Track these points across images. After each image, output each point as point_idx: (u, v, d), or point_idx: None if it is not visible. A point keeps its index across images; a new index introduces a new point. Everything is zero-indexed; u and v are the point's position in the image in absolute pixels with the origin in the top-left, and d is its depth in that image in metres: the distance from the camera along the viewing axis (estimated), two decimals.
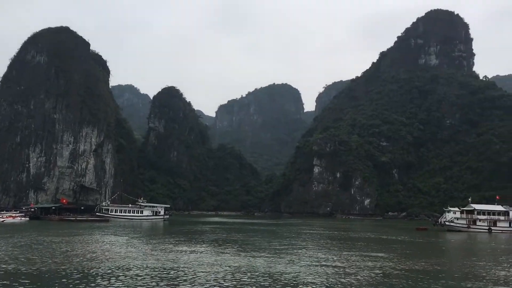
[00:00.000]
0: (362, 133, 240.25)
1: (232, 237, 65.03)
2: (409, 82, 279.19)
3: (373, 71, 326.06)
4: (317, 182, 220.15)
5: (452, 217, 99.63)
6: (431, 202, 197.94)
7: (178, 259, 36.82)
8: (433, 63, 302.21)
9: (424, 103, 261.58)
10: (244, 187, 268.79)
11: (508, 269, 36.04)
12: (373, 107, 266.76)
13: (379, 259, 40.42)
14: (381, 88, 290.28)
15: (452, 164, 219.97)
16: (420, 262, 39.19)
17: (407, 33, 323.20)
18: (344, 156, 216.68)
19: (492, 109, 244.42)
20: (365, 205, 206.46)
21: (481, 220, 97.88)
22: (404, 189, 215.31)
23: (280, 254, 42.62)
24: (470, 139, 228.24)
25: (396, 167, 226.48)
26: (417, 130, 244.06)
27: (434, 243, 67.05)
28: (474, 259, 44.47)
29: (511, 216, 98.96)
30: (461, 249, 60.44)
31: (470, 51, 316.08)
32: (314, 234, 77.90)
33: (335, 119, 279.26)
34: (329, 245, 55.57)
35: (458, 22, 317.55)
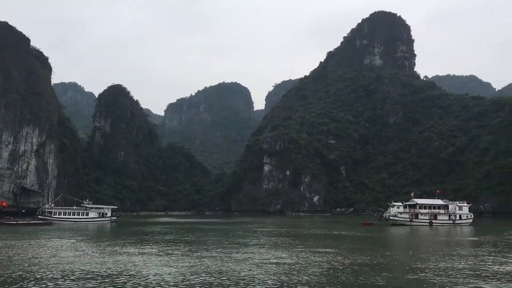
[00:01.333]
0: (311, 131, 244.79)
1: (182, 237, 64.23)
2: (355, 81, 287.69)
3: (321, 70, 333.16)
4: (267, 180, 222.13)
5: (396, 211, 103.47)
6: (376, 197, 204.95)
7: (127, 262, 35.86)
8: (377, 63, 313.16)
9: (370, 102, 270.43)
10: (194, 186, 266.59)
11: (448, 261, 37.86)
12: (321, 106, 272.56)
13: (327, 255, 41.28)
14: (328, 87, 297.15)
15: (396, 161, 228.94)
16: (366, 256, 40.40)
17: (353, 34, 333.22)
18: (293, 154, 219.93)
19: (432, 107, 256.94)
20: (314, 202, 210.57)
21: (423, 214, 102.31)
22: (351, 186, 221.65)
23: (231, 253, 42.55)
24: (412, 136, 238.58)
25: (343, 164, 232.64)
26: (363, 128, 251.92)
27: (379, 237, 69.38)
28: (416, 251, 46.45)
29: (450, 210, 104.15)
30: (404, 243, 62.91)
31: (411, 52, 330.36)
32: (265, 232, 78.47)
33: (284, 118, 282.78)
34: (280, 242, 56.12)
35: (400, 24, 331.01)
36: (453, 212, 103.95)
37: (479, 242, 58.04)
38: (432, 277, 29.46)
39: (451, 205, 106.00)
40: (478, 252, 45.43)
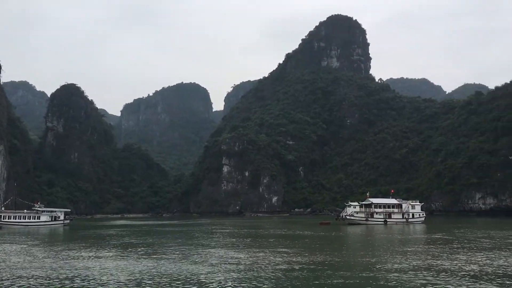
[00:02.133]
0: (270, 132, 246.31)
1: (139, 240, 62.78)
2: (313, 83, 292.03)
3: (279, 72, 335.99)
4: (226, 181, 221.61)
5: (352, 211, 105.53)
6: (333, 197, 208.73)
7: (81, 267, 34.57)
8: (334, 65, 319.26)
9: (327, 104, 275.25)
10: (151, 188, 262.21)
11: (401, 259, 38.88)
12: (280, 107, 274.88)
13: (285, 254, 41.45)
14: (287, 88, 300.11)
15: (352, 161, 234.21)
16: (323, 255, 40.86)
17: (311, 36, 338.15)
18: (252, 155, 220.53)
19: (387, 109, 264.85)
20: (273, 203, 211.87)
21: (378, 213, 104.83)
22: (309, 186, 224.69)
23: (190, 255, 41.94)
24: (368, 137, 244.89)
25: (301, 165, 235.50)
26: (320, 129, 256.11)
27: (336, 237, 70.50)
28: (371, 250, 47.46)
29: (403, 208, 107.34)
30: (360, 241, 64.18)
31: (367, 55, 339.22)
32: (224, 233, 78.05)
33: (243, 119, 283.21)
34: (239, 243, 55.91)
35: (356, 28, 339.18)
36: (406, 211, 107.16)
37: (431, 240, 60.06)
38: (388, 274, 30.10)
39: (405, 204, 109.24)
40: (430, 249, 46.97)
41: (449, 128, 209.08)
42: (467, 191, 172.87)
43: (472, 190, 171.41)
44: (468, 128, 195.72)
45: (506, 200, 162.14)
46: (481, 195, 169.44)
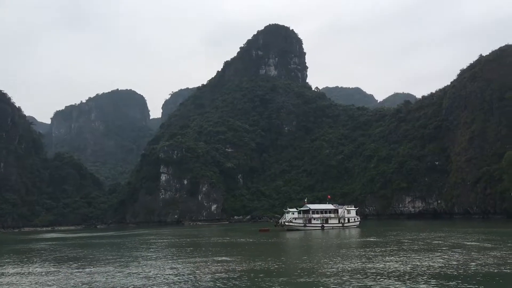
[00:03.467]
0: (209, 140, 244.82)
1: (71, 254, 59.55)
2: (252, 91, 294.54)
3: (218, 79, 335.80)
4: (164, 190, 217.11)
5: (291, 217, 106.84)
6: (272, 204, 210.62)
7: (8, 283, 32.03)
8: (272, 73, 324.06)
9: (265, 111, 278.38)
10: (85, 198, 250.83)
11: (339, 262, 39.67)
12: (219, 114, 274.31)
13: (225, 262, 40.96)
14: (226, 96, 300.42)
15: (290, 168, 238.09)
16: (263, 262, 40.82)
17: (249, 45, 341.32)
18: (191, 163, 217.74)
19: (323, 117, 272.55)
20: (212, 211, 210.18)
21: (315, 219, 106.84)
22: (249, 193, 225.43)
23: (124, 267, 40.28)
24: (305, 144, 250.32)
25: (241, 172, 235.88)
26: (259, 136, 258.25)
27: (275, 243, 70.96)
28: (310, 255, 48.13)
29: (339, 214, 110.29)
30: (299, 247, 64.99)
31: (303, 64, 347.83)
32: (162, 243, 76.09)
33: (181, 126, 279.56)
34: (177, 253, 54.65)
35: (293, 37, 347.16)
36: (342, 215, 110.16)
37: (366, 243, 62.00)
38: (326, 278, 30.51)
39: (341, 209, 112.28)
40: (366, 252, 48.40)
41: (381, 135, 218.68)
42: (397, 195, 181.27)
43: (402, 194, 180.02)
44: (398, 135, 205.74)
45: (433, 203, 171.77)
46: (411, 199, 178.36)
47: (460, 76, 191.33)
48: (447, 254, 43.68)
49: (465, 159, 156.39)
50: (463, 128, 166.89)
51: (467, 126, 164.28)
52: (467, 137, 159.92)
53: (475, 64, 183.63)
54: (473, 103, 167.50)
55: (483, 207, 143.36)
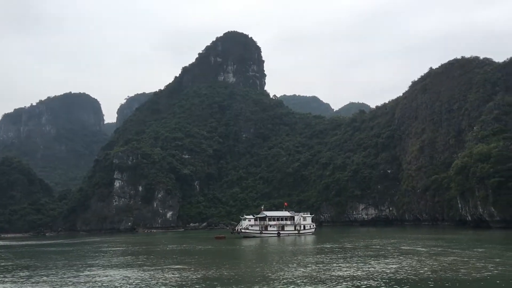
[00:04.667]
0: (165, 146, 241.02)
1: (17, 263, 56.50)
2: (210, 97, 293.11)
3: (176, 85, 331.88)
4: (118, 197, 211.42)
5: (247, 224, 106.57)
6: (229, 211, 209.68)
7: None
8: (230, 80, 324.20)
9: (223, 118, 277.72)
10: (33, 205, 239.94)
11: (294, 269, 39.67)
12: (176, 121, 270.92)
13: (179, 270, 40.06)
14: (183, 102, 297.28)
15: (247, 175, 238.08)
16: (218, 269, 40.24)
17: (207, 51, 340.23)
18: (146, 169, 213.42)
19: (280, 124, 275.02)
20: (167, 218, 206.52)
21: (272, 226, 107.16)
22: (205, 200, 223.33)
23: (73, 277, 38.53)
24: (263, 151, 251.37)
25: (197, 179, 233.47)
26: (217, 143, 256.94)
27: (231, 250, 70.41)
28: (266, 262, 47.93)
29: (295, 221, 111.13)
30: (255, 254, 64.75)
31: (262, 72, 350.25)
32: (115, 251, 73.74)
33: (137, 132, 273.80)
34: (130, 261, 53.02)
35: (252, 45, 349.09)
36: (298, 223, 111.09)
37: (321, 250, 62.59)
38: (282, 285, 30.34)
39: (297, 216, 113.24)
40: (321, 258, 48.77)
41: (336, 143, 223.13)
42: (352, 203, 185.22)
43: (356, 201, 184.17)
44: (353, 144, 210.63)
45: (386, 211, 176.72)
46: (364, 206, 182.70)
47: (412, 88, 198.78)
48: (399, 259, 44.73)
49: (416, 167, 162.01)
50: (414, 138, 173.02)
51: (418, 136, 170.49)
52: (417, 147, 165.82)
53: (425, 77, 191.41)
54: (423, 114, 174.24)
55: (432, 214, 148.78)
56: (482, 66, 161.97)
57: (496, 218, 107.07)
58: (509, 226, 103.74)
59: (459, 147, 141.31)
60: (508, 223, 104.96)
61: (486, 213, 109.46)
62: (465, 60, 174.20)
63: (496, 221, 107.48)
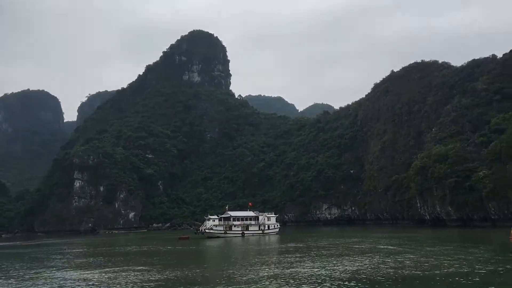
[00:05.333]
0: (128, 146, 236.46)
1: None
2: (174, 96, 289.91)
3: (139, 83, 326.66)
4: (78, 197, 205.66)
5: (211, 224, 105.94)
6: (193, 211, 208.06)
7: None
8: (195, 80, 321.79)
9: (188, 117, 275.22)
10: None
11: (259, 269, 39.60)
12: (139, 119, 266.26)
13: (140, 272, 39.24)
14: (147, 100, 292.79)
15: (212, 175, 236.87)
16: (181, 270, 39.68)
17: (172, 50, 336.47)
18: (108, 169, 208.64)
19: (245, 125, 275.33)
20: (129, 219, 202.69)
21: (236, 226, 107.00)
22: (169, 200, 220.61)
23: (29, 280, 37.04)
24: (227, 151, 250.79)
25: (161, 179, 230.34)
26: (181, 143, 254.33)
27: (195, 251, 69.73)
28: (230, 262, 47.68)
29: (260, 221, 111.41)
30: (219, 255, 64.39)
31: (227, 72, 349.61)
32: (75, 253, 71.57)
33: (99, 131, 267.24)
34: (91, 263, 51.53)
35: (217, 44, 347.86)
36: (263, 222, 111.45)
37: (285, 249, 62.88)
38: (246, 285, 30.17)
39: (261, 216, 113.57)
40: (285, 258, 48.94)
41: (301, 144, 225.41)
42: (315, 203, 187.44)
43: (320, 201, 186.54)
44: (317, 144, 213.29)
45: (348, 210, 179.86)
46: (327, 206, 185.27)
47: (374, 90, 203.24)
48: (361, 257, 45.47)
49: (377, 168, 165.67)
50: (376, 139, 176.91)
51: (380, 137, 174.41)
52: (379, 147, 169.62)
53: (387, 79, 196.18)
54: (385, 115, 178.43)
55: (393, 214, 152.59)
56: (440, 70, 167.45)
57: (452, 217, 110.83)
58: (464, 224, 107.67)
59: (419, 148, 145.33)
60: (464, 222, 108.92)
61: (443, 212, 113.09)
62: (424, 64, 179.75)
63: (452, 220, 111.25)
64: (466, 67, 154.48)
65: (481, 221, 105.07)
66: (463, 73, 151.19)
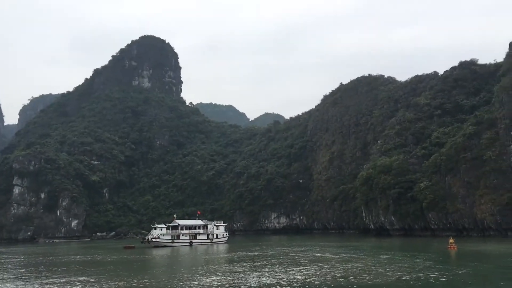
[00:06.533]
0: (72, 151, 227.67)
1: None
2: (123, 101, 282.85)
3: (86, 87, 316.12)
4: (17, 204, 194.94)
5: (158, 233, 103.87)
6: (140, 220, 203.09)
7: None
8: (146, 85, 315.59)
9: (137, 123, 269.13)
10: None
11: (206, 279, 39.07)
12: (85, 124, 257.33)
13: (84, 283, 37.63)
14: (94, 105, 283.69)
15: (160, 183, 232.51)
16: (125, 281, 38.46)
17: (122, 54, 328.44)
18: (50, 175, 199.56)
19: (196, 132, 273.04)
20: (72, 227, 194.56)
21: (184, 235, 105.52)
22: (114, 208, 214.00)
23: None
24: (177, 159, 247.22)
25: (107, 186, 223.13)
26: (129, 149, 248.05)
27: (140, 261, 67.90)
28: (177, 272, 46.76)
29: (208, 229, 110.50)
30: (165, 264, 63.03)
31: (178, 78, 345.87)
32: (12, 263, 67.55)
33: (41, 135, 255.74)
34: (31, 274, 48.80)
35: (169, 50, 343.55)
36: (211, 231, 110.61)
37: (233, 258, 62.55)
38: None
39: (210, 225, 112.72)
40: (234, 267, 48.63)
41: (251, 153, 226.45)
42: (264, 212, 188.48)
43: (269, 210, 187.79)
44: (267, 154, 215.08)
45: (296, 219, 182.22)
46: (276, 215, 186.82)
47: (323, 101, 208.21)
48: (309, 266, 46.01)
49: (325, 178, 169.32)
50: (325, 149, 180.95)
51: (328, 148, 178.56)
52: (327, 158, 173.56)
53: (336, 91, 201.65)
54: (334, 126, 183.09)
55: (339, 223, 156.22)
56: (386, 84, 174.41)
57: (395, 226, 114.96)
58: (407, 234, 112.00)
59: (365, 159, 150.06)
60: (406, 231, 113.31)
61: (387, 222, 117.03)
62: (371, 78, 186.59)
63: (395, 229, 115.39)
64: (410, 82, 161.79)
65: (422, 230, 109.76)
66: (407, 88, 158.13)
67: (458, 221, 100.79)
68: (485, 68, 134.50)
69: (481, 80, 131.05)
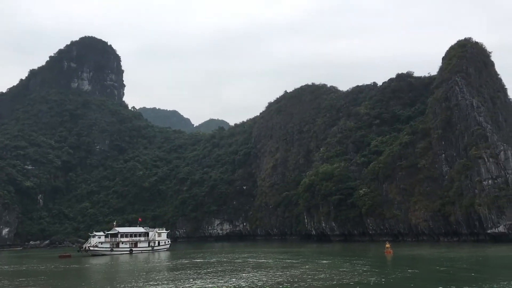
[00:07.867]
0: (4, 155, 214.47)
1: None
2: (61, 104, 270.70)
3: (21, 88, 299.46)
4: None
5: (96, 241, 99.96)
6: (77, 227, 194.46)
7: None
8: (85, 88, 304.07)
9: (75, 127, 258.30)
10: None
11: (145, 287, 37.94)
12: (19, 127, 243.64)
13: None
14: (29, 107, 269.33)
15: (99, 189, 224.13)
16: None
17: (60, 55, 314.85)
18: None
19: (138, 137, 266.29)
20: (3, 235, 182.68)
21: (124, 243, 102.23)
22: (49, 216, 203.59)
23: None
24: (118, 165, 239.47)
25: (41, 192, 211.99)
26: (66, 154, 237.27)
27: (77, 270, 64.98)
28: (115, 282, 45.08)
29: (150, 237, 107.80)
30: (102, 274, 60.64)
31: (121, 82, 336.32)
32: None
33: None
34: None
35: (111, 53, 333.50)
36: (153, 239, 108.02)
37: (175, 266, 61.32)
38: None
39: (151, 232, 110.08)
40: (176, 275, 47.62)
41: (195, 159, 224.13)
42: (208, 218, 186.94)
43: (212, 217, 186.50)
44: (211, 160, 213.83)
45: (240, 226, 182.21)
46: (220, 221, 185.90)
47: (268, 109, 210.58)
48: (254, 273, 45.95)
49: (269, 184, 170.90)
50: (269, 156, 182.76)
51: (272, 154, 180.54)
52: (271, 164, 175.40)
53: (280, 99, 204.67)
54: (278, 133, 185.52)
55: (282, 229, 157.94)
56: (329, 93, 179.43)
57: (336, 232, 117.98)
58: (346, 239, 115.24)
59: (308, 166, 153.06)
60: (346, 237, 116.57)
61: (328, 228, 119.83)
62: (315, 87, 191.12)
63: (336, 235, 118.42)
64: (351, 92, 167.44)
65: (361, 235, 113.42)
66: (348, 98, 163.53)
67: (394, 227, 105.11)
68: (420, 81, 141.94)
69: (416, 92, 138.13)
